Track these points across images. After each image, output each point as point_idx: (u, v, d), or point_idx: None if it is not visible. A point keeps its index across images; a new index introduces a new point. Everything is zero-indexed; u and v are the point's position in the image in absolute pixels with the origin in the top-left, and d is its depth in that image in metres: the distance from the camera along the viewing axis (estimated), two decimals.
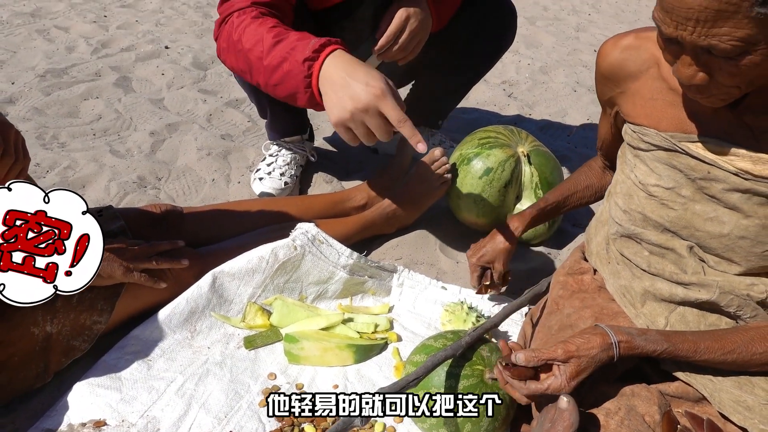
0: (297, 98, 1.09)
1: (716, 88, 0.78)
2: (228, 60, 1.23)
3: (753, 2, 0.66)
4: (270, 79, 1.11)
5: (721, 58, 0.73)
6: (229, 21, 1.19)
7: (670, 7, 0.72)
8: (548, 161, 1.49)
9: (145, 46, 3.02)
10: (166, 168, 1.83)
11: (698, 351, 0.86)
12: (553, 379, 0.84)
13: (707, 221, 0.93)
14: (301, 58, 1.04)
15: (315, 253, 1.25)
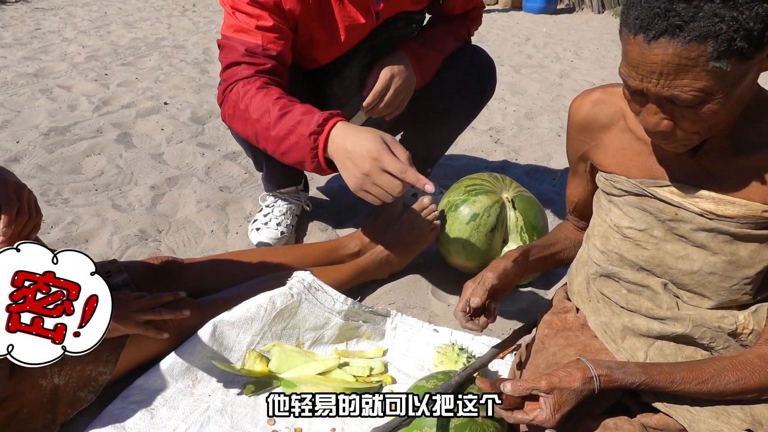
0: (304, 166, 1.19)
1: (679, 134, 0.86)
2: (234, 126, 1.32)
3: (708, 57, 0.74)
4: (278, 148, 1.21)
5: (683, 106, 0.81)
6: (234, 89, 1.28)
7: (635, 63, 0.80)
8: (532, 206, 1.56)
9: (145, 102, 3.14)
10: (167, 221, 1.90)
11: (674, 381, 0.91)
12: (539, 411, 0.89)
13: (678, 259, 0.99)
14: (307, 132, 1.14)
15: (311, 300, 1.30)
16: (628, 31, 0.79)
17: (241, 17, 1.32)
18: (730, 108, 0.82)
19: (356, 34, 1.46)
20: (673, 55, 0.75)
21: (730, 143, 0.93)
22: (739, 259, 0.96)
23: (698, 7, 0.72)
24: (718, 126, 0.86)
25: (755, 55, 0.75)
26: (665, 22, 0.74)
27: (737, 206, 0.93)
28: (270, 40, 1.32)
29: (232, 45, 1.32)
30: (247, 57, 1.30)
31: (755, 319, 0.98)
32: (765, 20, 0.72)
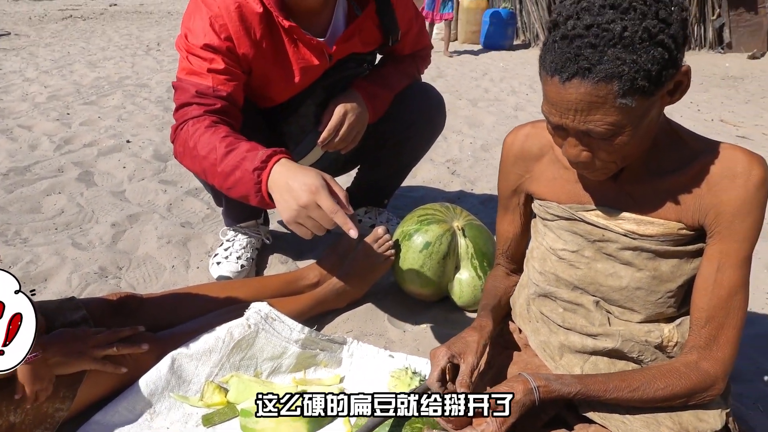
0: (249, 200, 1.24)
1: (598, 163, 0.95)
2: (185, 163, 1.38)
3: (615, 95, 0.83)
4: (224, 183, 1.27)
5: (598, 139, 0.89)
6: (184, 128, 1.34)
7: (554, 101, 0.89)
8: (482, 233, 1.64)
9: (107, 140, 3.16)
10: (127, 257, 1.91)
11: (608, 390, 0.97)
12: (486, 425, 0.94)
13: (608, 277, 1.07)
14: (251, 168, 1.20)
15: (268, 330, 1.34)
16: (545, 73, 0.88)
17: (194, 60, 1.39)
18: (640, 139, 0.91)
19: (310, 75, 1.54)
20: (584, 93, 0.84)
21: (646, 169, 1.02)
22: (661, 274, 1.04)
23: (603, 52, 0.81)
24: (631, 155, 0.95)
25: (656, 92, 0.85)
26: (576, 65, 0.83)
27: (656, 226, 1.02)
28: (220, 82, 1.38)
29: (184, 87, 1.39)
30: (197, 98, 1.37)
31: (679, 332, 1.06)
32: (661, 62, 0.82)
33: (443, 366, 1.04)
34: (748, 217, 0.96)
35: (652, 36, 0.80)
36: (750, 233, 0.97)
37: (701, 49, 8.12)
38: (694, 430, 0.98)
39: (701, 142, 1.02)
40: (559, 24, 0.85)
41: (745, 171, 0.96)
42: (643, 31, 0.80)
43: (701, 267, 1.01)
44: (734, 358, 1.00)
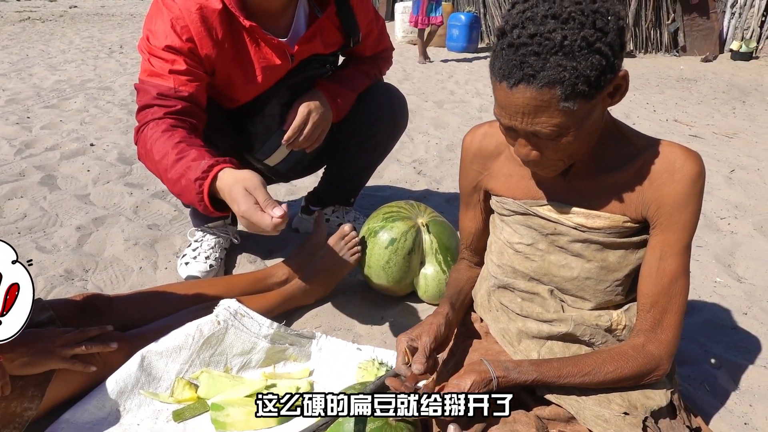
0: (196, 207, 1.27)
1: (546, 161, 1.01)
2: (145, 165, 1.40)
3: (559, 99, 0.89)
4: (173, 189, 1.31)
5: (545, 139, 0.95)
6: (145, 130, 1.37)
7: (503, 105, 0.94)
8: (445, 229, 1.69)
9: (70, 144, 3.12)
10: (93, 260, 1.91)
11: (562, 376, 1.04)
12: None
13: (560, 268, 1.14)
14: (193, 177, 1.23)
15: (237, 326, 1.37)
16: (495, 78, 0.94)
17: (156, 62, 1.40)
18: (584, 138, 0.98)
19: (273, 75, 1.57)
20: (530, 98, 0.89)
21: (593, 166, 1.09)
22: (609, 264, 1.11)
23: (546, 59, 0.87)
24: (578, 153, 1.01)
25: (596, 95, 0.91)
26: (521, 72, 0.88)
27: (603, 219, 1.08)
28: (182, 83, 1.40)
29: (146, 88, 1.40)
30: (158, 99, 1.38)
31: (627, 316, 1.13)
32: (599, 68, 0.88)
33: (403, 349, 1.09)
34: (686, 208, 1.03)
35: (590, 44, 0.86)
36: (688, 224, 1.04)
37: (657, 52, 8.40)
38: (641, 406, 1.05)
39: (644, 140, 1.09)
40: (506, 32, 0.91)
41: (682, 166, 1.03)
42: (581, 40, 0.86)
43: (645, 256, 1.08)
44: (677, 340, 1.07)
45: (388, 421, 1.05)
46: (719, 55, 7.93)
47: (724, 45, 8.07)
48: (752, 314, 1.75)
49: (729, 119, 4.44)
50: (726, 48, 8.00)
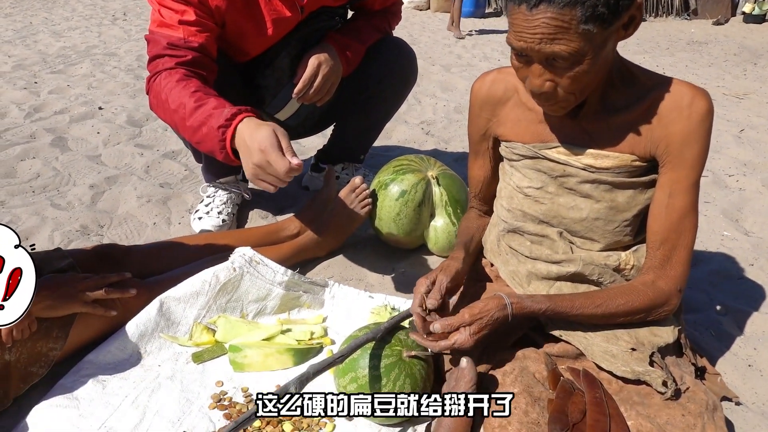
0: (215, 155, 1.28)
1: (560, 94, 1.01)
2: (159, 114, 1.41)
3: (579, 20, 0.90)
4: (193, 137, 1.31)
5: (562, 67, 0.96)
6: (157, 80, 1.37)
7: (521, 29, 0.94)
8: (455, 182, 1.71)
9: (79, 108, 3.13)
10: (108, 216, 1.94)
11: (574, 307, 1.06)
12: (459, 335, 1.02)
13: (570, 210, 1.15)
14: (216, 125, 1.23)
15: (252, 273, 1.40)
16: (512, 3, 0.94)
17: (166, 13, 1.41)
18: (598, 69, 0.98)
19: (283, 27, 1.57)
20: (551, 18, 0.90)
21: (602, 106, 1.10)
22: (618, 204, 1.12)
23: None
24: (590, 86, 1.02)
25: (614, 21, 0.92)
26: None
27: (611, 158, 1.10)
28: (192, 33, 1.41)
29: (156, 39, 1.41)
30: (169, 50, 1.39)
31: (635, 256, 1.15)
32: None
33: (423, 291, 1.11)
34: (694, 145, 1.05)
35: None
36: (697, 161, 1.05)
37: (668, 15, 8.26)
38: (648, 342, 1.08)
39: (652, 78, 1.10)
40: None
41: (690, 103, 1.04)
42: None
43: (655, 194, 1.10)
44: (687, 276, 1.10)
45: (402, 357, 1.09)
46: (731, 17, 7.79)
47: (736, 8, 7.92)
48: (758, 265, 1.77)
49: (740, 81, 4.39)
50: (738, 11, 7.85)
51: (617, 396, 1.04)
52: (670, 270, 1.08)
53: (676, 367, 1.08)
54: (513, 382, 1.03)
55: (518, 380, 1.04)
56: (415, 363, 1.09)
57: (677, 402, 1.02)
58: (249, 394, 1.21)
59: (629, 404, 1.02)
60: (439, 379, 1.15)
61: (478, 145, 1.33)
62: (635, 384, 1.04)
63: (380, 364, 1.07)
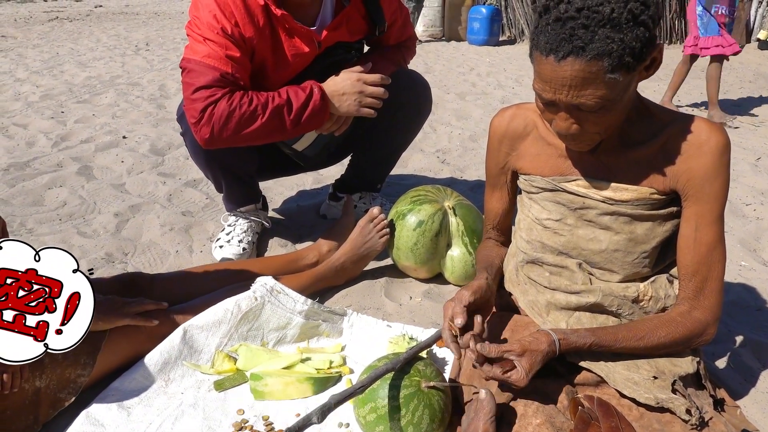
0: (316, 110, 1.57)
1: (585, 135, 1.05)
2: (227, 134, 1.50)
3: (606, 71, 0.93)
4: (296, 115, 1.54)
5: (588, 111, 0.99)
6: (221, 104, 1.47)
7: (548, 79, 0.98)
8: (471, 212, 1.73)
9: (104, 137, 3.22)
10: (132, 244, 1.99)
11: (618, 340, 1.08)
12: (514, 371, 1.02)
13: (589, 241, 1.17)
14: (308, 86, 1.56)
15: (273, 302, 1.43)
16: (539, 53, 0.97)
17: (212, 45, 1.47)
18: (621, 110, 1.02)
19: (301, 62, 1.63)
20: (579, 70, 0.93)
21: (620, 141, 1.12)
22: (637, 236, 1.14)
23: (594, 32, 0.91)
24: (613, 126, 1.05)
25: (638, 67, 0.96)
26: (570, 45, 0.92)
27: (630, 191, 1.12)
28: (237, 70, 1.49)
29: (202, 70, 1.46)
30: (220, 81, 1.46)
31: (653, 288, 1.17)
32: (642, 40, 0.93)
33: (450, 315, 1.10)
34: (716, 180, 1.07)
35: (635, 17, 0.91)
36: (719, 194, 1.07)
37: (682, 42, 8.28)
38: (669, 372, 1.08)
39: (668, 114, 1.12)
40: (551, 8, 0.95)
41: (708, 139, 1.07)
42: (627, 12, 0.91)
43: (681, 229, 1.12)
44: (721, 305, 1.11)
45: (421, 387, 1.10)
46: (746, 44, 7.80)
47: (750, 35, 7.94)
48: None
49: (756, 108, 4.38)
50: (753, 37, 7.86)
51: (637, 423, 1.04)
52: (704, 300, 1.10)
53: (696, 398, 1.09)
54: (535, 412, 1.04)
55: (540, 411, 1.05)
56: (433, 394, 1.11)
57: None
58: (270, 422, 1.23)
59: (649, 431, 1.02)
60: (458, 410, 1.16)
61: (496, 178, 1.36)
62: (657, 412, 1.04)
63: (399, 395, 1.09)
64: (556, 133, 1.08)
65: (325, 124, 1.66)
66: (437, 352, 1.42)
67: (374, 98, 1.63)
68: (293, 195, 2.46)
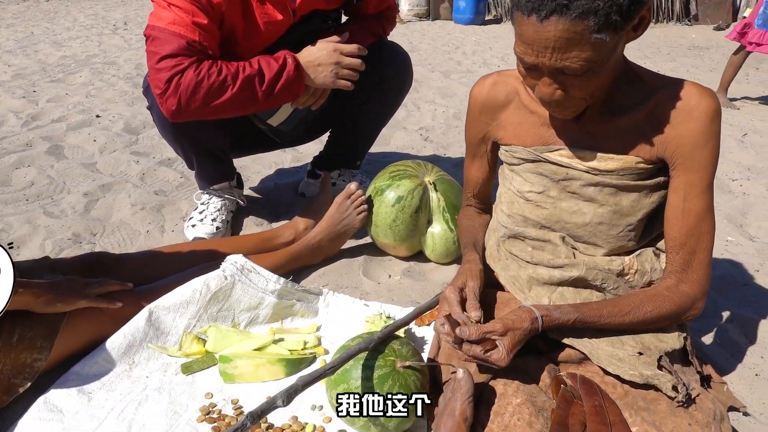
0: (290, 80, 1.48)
1: (569, 101, 0.98)
2: (194, 106, 1.42)
3: (591, 30, 0.86)
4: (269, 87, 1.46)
5: (572, 75, 0.93)
6: (188, 73, 1.38)
7: (530, 41, 0.91)
8: (452, 187, 1.67)
9: (76, 116, 3.11)
10: (101, 224, 1.91)
11: (602, 316, 1.02)
12: (495, 351, 0.97)
13: (572, 214, 1.12)
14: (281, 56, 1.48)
15: (244, 281, 1.36)
16: (521, 13, 0.90)
17: (177, 11, 1.38)
18: (608, 74, 0.96)
19: (275, 30, 1.55)
20: (563, 30, 0.87)
21: (606, 107, 1.06)
22: (622, 208, 1.09)
23: None
24: (599, 91, 0.99)
25: (625, 26, 0.89)
26: (554, 3, 0.85)
27: (615, 161, 1.06)
28: (205, 38, 1.40)
29: (167, 37, 1.38)
30: (187, 50, 1.38)
31: (638, 261, 1.12)
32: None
33: (457, 300, 1.05)
34: (706, 147, 1.01)
35: None
36: (709, 162, 1.02)
37: (669, 21, 8.25)
38: (655, 348, 1.04)
39: (657, 79, 1.07)
40: None
41: (698, 104, 1.01)
42: None
43: (669, 199, 1.06)
44: (709, 278, 1.07)
45: (396, 368, 1.05)
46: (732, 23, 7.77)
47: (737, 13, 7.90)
48: (764, 271, 1.73)
49: (742, 85, 4.36)
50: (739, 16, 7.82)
51: (621, 401, 1.00)
52: (692, 274, 1.05)
53: (682, 375, 1.04)
54: (515, 392, 0.99)
55: (520, 390, 1.00)
56: (409, 374, 1.05)
57: (684, 410, 0.98)
58: (239, 406, 1.17)
59: (634, 409, 0.98)
60: (437, 389, 1.11)
61: (476, 147, 1.30)
62: (642, 389, 1.00)
63: (373, 375, 1.03)
64: (539, 99, 1.02)
65: (300, 96, 1.58)
66: (416, 331, 1.37)
67: (351, 70, 1.55)
68: (271, 173, 2.39)
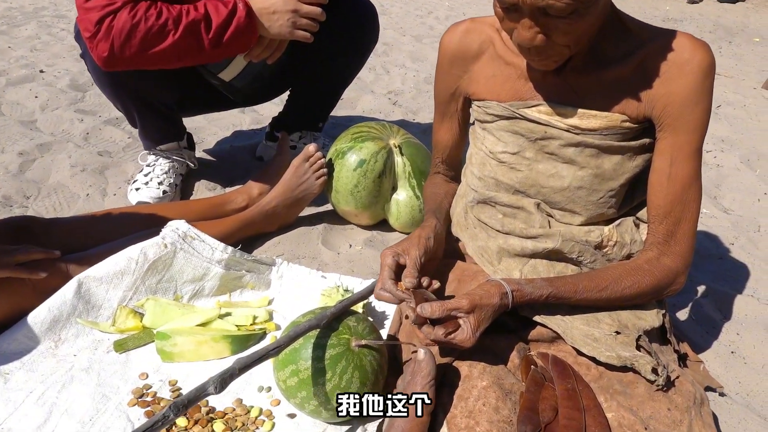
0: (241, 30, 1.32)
1: (551, 49, 0.86)
2: (129, 53, 1.26)
3: None
4: (218, 32, 1.30)
5: (556, 17, 0.81)
6: (122, 15, 1.22)
7: None
8: (420, 152, 1.55)
9: (18, 70, 2.88)
10: (36, 186, 1.74)
11: (578, 291, 0.93)
12: (459, 331, 0.86)
13: (550, 177, 1.01)
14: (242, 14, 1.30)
15: (187, 250, 1.23)
16: None
17: None
18: (595, 19, 0.84)
19: None
20: None
21: (591, 60, 0.95)
22: (604, 171, 0.99)
23: None
24: (584, 37, 0.87)
25: None
26: None
27: (599, 119, 0.96)
28: None
29: None
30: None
31: (618, 232, 1.02)
32: None
33: (390, 264, 0.95)
34: (697, 106, 0.92)
35: None
36: (699, 123, 0.93)
37: None
38: (633, 326, 0.96)
39: (648, 30, 0.96)
40: None
41: (691, 58, 0.91)
42: None
43: (654, 163, 0.97)
44: (693, 251, 0.98)
45: (350, 346, 0.94)
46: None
47: None
48: (739, 244, 1.67)
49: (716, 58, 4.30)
50: None
51: (596, 383, 0.91)
52: (675, 246, 0.96)
53: (661, 355, 0.97)
54: (481, 374, 0.90)
55: (487, 371, 0.90)
56: (365, 353, 0.95)
57: (663, 394, 0.90)
58: (177, 387, 1.06)
59: (609, 393, 0.90)
60: (397, 370, 1.01)
61: (445, 105, 1.18)
62: (619, 371, 0.92)
63: (325, 355, 0.92)
64: (518, 46, 0.90)
65: (254, 48, 1.43)
66: (376, 305, 1.26)
67: (311, 19, 1.40)
68: (228, 135, 2.22)
